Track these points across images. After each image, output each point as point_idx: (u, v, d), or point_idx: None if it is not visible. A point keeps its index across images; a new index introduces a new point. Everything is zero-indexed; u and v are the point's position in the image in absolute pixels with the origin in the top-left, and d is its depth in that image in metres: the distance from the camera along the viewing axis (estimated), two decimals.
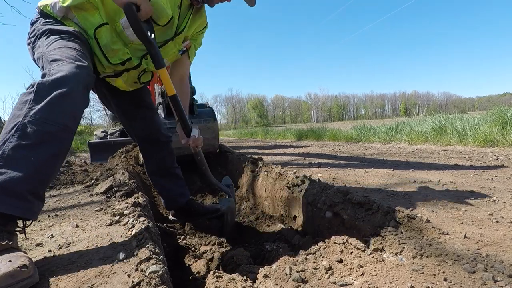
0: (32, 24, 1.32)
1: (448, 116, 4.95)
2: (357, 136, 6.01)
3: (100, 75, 1.42)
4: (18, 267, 0.74)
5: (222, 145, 3.70)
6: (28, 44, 1.31)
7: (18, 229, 0.94)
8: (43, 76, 1.05)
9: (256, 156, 2.81)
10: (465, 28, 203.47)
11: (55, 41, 1.17)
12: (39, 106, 0.95)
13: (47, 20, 1.27)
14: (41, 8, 1.30)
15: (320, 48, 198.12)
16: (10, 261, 0.75)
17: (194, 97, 3.23)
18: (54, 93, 0.97)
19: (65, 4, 1.24)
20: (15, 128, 0.93)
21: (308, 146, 5.49)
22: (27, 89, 1.01)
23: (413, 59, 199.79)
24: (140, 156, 3.09)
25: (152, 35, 1.24)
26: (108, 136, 4.60)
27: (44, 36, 1.22)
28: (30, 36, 1.29)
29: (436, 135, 4.17)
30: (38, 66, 1.25)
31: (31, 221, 0.96)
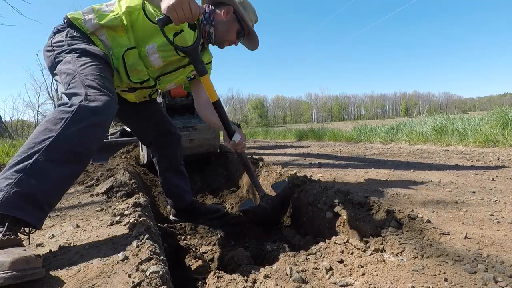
0: (56, 32, 1.37)
1: (448, 116, 4.94)
2: (357, 136, 6.01)
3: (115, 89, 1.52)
4: (34, 255, 0.79)
5: (222, 145, 3.70)
6: (49, 51, 1.35)
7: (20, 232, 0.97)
8: (74, 95, 1.12)
9: (256, 156, 2.82)
10: (465, 28, 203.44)
11: (89, 65, 1.24)
12: (75, 128, 1.03)
13: (76, 35, 1.34)
14: (70, 19, 1.36)
15: (320, 48, 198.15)
16: (24, 250, 0.81)
17: None
18: (91, 120, 1.06)
19: (101, 22, 1.33)
20: (48, 142, 0.99)
21: (309, 147, 5.49)
22: (63, 105, 1.08)
23: (413, 59, 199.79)
24: (141, 157, 3.09)
25: (194, 43, 1.37)
26: (109, 137, 4.60)
27: (76, 53, 1.28)
28: (54, 44, 1.34)
29: (436, 135, 4.17)
30: (54, 74, 1.32)
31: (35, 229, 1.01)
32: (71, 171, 1.04)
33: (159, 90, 2.48)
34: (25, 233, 0.97)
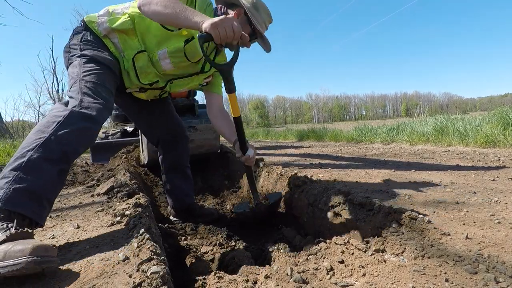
0: (74, 34, 1.44)
1: (449, 116, 4.94)
2: (358, 136, 6.00)
3: (126, 89, 1.58)
4: (51, 244, 0.84)
5: (223, 145, 3.70)
6: (66, 52, 1.45)
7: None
8: (71, 98, 1.22)
9: (257, 157, 2.81)
10: (466, 28, 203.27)
11: (92, 73, 1.30)
12: (66, 130, 1.09)
13: (89, 39, 1.41)
14: (86, 22, 1.44)
15: (321, 49, 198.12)
16: (41, 240, 0.88)
17: (196, 98, 3.23)
18: (82, 124, 1.14)
19: (113, 26, 1.39)
20: (40, 142, 1.05)
21: (309, 147, 5.49)
22: (57, 110, 1.16)
23: (414, 59, 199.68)
24: (141, 157, 3.10)
25: (232, 61, 1.37)
26: (110, 137, 4.60)
27: (84, 58, 1.35)
28: (71, 46, 1.43)
29: (437, 135, 4.16)
30: (68, 76, 1.39)
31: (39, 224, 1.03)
32: (62, 169, 1.09)
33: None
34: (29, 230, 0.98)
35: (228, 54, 1.61)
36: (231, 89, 1.40)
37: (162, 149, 1.91)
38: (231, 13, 1.49)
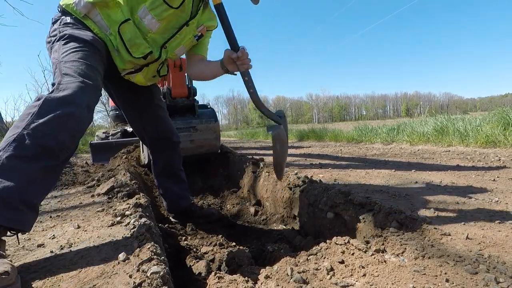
0: (53, 23, 1.34)
1: (449, 116, 4.93)
2: (358, 136, 6.00)
3: (120, 73, 1.46)
4: (8, 267, 0.73)
5: (223, 145, 3.70)
6: (48, 43, 1.33)
7: (9, 235, 0.93)
8: (53, 86, 1.08)
9: (257, 157, 2.82)
10: (467, 28, 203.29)
11: (72, 51, 1.19)
12: (41, 121, 0.97)
13: (68, 22, 1.29)
14: (63, 6, 1.32)
15: (321, 49, 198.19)
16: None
17: (196, 98, 3.23)
18: (59, 111, 1.00)
19: (91, 0, 1.26)
20: (12, 139, 0.94)
21: (310, 147, 5.49)
22: (33, 101, 1.03)
23: (414, 59, 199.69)
24: (142, 157, 3.10)
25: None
26: (110, 137, 4.60)
27: (63, 40, 1.24)
28: (51, 35, 1.31)
29: (437, 135, 4.16)
30: (52, 65, 1.27)
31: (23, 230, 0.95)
32: (43, 165, 0.97)
33: (161, 90, 2.48)
34: (11, 235, 0.93)
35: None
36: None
37: (153, 154, 1.86)
38: None
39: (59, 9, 1.35)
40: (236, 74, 1.48)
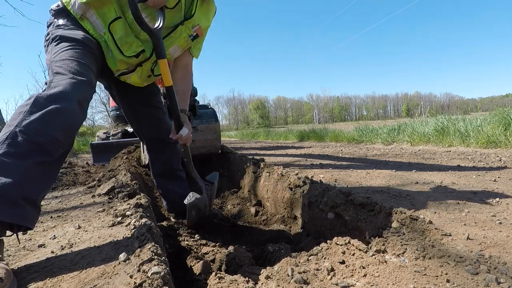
0: (47, 27, 1.35)
1: (450, 117, 4.93)
2: (359, 137, 6.00)
3: (114, 74, 1.45)
4: (4, 272, 0.72)
5: (224, 146, 3.70)
6: (44, 47, 1.34)
7: (8, 235, 0.93)
8: (45, 85, 1.10)
9: (258, 157, 2.82)
10: (467, 29, 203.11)
11: (63, 51, 1.21)
12: (32, 118, 0.98)
13: (60, 24, 1.30)
14: (64, 4, 1.32)
15: (322, 49, 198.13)
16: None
17: (196, 98, 3.24)
18: (50, 107, 1.01)
19: (84, 0, 1.26)
20: (5, 137, 0.95)
21: (310, 147, 5.49)
22: (25, 101, 1.04)
23: (415, 60, 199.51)
24: (142, 157, 3.10)
25: (160, 24, 1.30)
26: (110, 138, 4.60)
27: (55, 42, 1.26)
28: (46, 39, 1.33)
29: (438, 136, 4.16)
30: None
31: (24, 227, 0.95)
32: (38, 161, 0.97)
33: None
34: (8, 235, 0.94)
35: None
36: (162, 54, 1.32)
37: (150, 154, 1.85)
38: None
39: (51, 12, 1.35)
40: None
